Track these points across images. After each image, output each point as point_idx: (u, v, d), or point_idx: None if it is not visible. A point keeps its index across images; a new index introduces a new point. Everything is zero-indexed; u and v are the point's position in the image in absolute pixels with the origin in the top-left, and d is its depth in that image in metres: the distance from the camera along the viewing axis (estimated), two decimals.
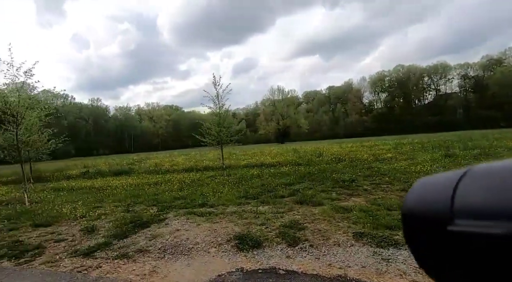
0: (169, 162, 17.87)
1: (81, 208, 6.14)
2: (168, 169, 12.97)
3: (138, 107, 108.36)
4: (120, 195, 7.76)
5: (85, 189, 9.49)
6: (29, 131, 7.47)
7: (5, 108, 7.16)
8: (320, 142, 41.53)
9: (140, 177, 11.39)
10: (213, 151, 28.49)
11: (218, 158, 18.14)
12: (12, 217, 5.86)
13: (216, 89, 9.52)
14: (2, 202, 8.01)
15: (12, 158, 7.48)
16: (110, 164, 19.09)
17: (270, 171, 9.60)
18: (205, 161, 14.87)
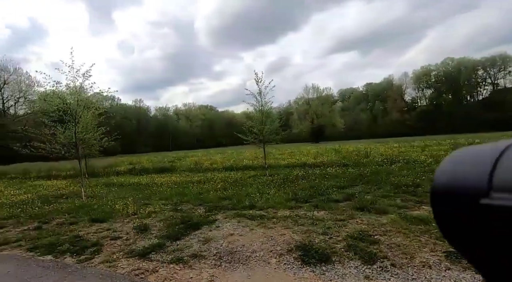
0: (208, 160, 18.14)
1: (132, 205, 6.24)
2: (208, 167, 13.06)
3: (176, 108, 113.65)
4: (166, 192, 7.84)
5: (133, 185, 9.87)
6: (85, 129, 7.90)
7: (66, 108, 7.67)
8: (357, 141, 39.28)
9: (182, 175, 11.59)
10: (249, 150, 28.55)
11: (255, 157, 17.96)
12: (72, 211, 6.16)
13: (258, 86, 9.24)
14: (63, 195, 8.62)
15: (71, 154, 7.98)
16: (152, 162, 20.00)
17: (315, 172, 9.03)
18: (244, 160, 14.72)
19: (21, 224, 5.41)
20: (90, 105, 7.82)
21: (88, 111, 7.95)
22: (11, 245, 4.23)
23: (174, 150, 71.67)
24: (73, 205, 6.87)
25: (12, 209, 6.62)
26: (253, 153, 21.87)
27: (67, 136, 7.54)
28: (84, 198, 7.74)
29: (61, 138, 7.76)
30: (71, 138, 7.61)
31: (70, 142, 7.65)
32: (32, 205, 7.03)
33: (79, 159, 8.03)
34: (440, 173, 0.37)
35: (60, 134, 7.56)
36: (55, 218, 5.68)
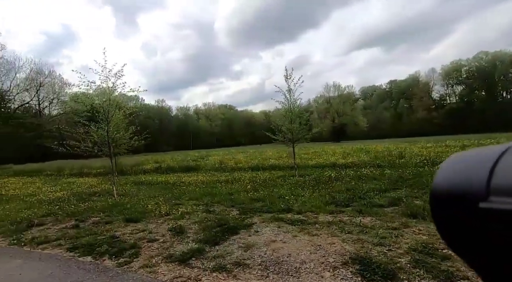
0: (231, 159, 18.05)
1: (164, 205, 6.16)
2: (233, 167, 12.91)
3: (196, 107, 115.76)
4: (195, 192, 7.73)
5: (161, 184, 9.91)
6: (117, 128, 8.00)
7: (98, 107, 7.80)
8: (381, 141, 37.64)
9: (208, 174, 11.52)
10: (271, 149, 28.22)
11: (279, 156, 17.60)
12: (106, 209, 6.19)
13: (287, 83, 8.88)
14: (95, 193, 8.80)
15: (103, 152, 8.12)
16: (176, 160, 20.26)
17: (348, 173, 8.52)
18: (270, 159, 14.40)
19: (60, 222, 5.49)
20: (121, 104, 7.89)
21: (119, 110, 8.04)
22: (51, 243, 4.24)
23: (195, 149, 73.00)
24: (106, 203, 6.94)
25: (50, 206, 6.79)
26: (275, 152, 21.52)
27: (100, 135, 7.67)
28: (116, 196, 7.82)
29: (95, 137, 7.91)
30: (103, 137, 7.72)
31: (103, 141, 7.77)
32: (68, 203, 7.19)
33: (110, 158, 8.15)
34: (439, 176, 0.37)
35: (94, 133, 7.70)
36: (90, 216, 5.71)
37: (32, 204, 7.28)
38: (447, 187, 0.35)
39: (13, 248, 4.16)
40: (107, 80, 7.77)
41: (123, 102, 8.16)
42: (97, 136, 7.70)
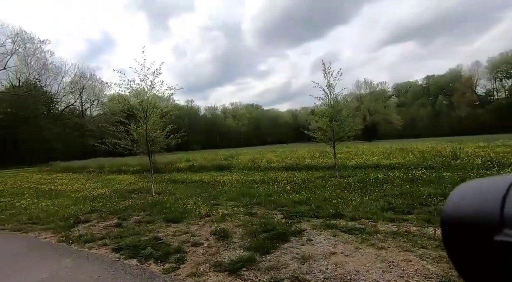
0: (261, 158, 17.73)
1: (203, 205, 5.96)
2: (266, 166, 12.54)
3: (224, 107, 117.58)
4: (232, 192, 7.47)
5: (196, 183, 9.86)
6: (155, 127, 8.03)
7: (138, 105, 7.89)
8: (417, 140, 34.81)
9: (241, 173, 11.28)
10: (301, 148, 27.45)
11: (312, 156, 16.91)
12: (146, 208, 6.14)
13: (326, 78, 8.28)
14: (134, 190, 8.96)
15: (142, 150, 8.23)
16: (207, 159, 20.42)
17: (398, 175, 7.69)
18: (305, 159, 13.79)
19: (103, 219, 5.51)
20: (159, 103, 7.90)
21: (157, 109, 8.06)
22: (97, 242, 4.18)
23: (223, 148, 74.10)
24: (145, 201, 6.94)
25: (94, 203, 6.95)
26: (306, 152, 20.80)
27: (139, 133, 7.74)
28: (154, 194, 7.85)
29: (134, 135, 8.02)
30: (142, 135, 7.79)
31: (142, 139, 7.84)
32: (110, 200, 7.33)
33: (149, 156, 8.21)
34: (449, 204, 0.37)
35: (133, 131, 7.80)
36: (132, 215, 5.68)
37: (78, 200, 7.54)
38: (459, 217, 0.34)
39: (62, 246, 4.16)
40: (146, 79, 7.82)
41: (160, 101, 8.15)
42: (136, 134, 7.79)
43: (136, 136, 7.87)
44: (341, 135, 8.49)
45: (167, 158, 20.14)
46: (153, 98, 7.86)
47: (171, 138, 8.38)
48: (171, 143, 8.36)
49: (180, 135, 8.48)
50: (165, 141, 8.64)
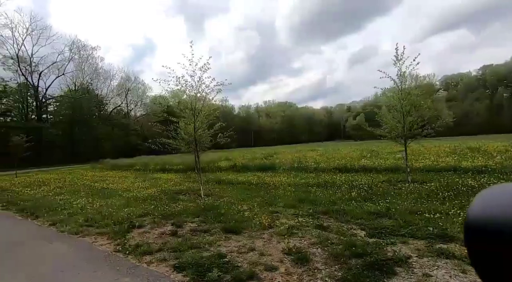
0: (303, 157, 16.72)
1: (260, 212, 5.29)
2: (315, 166, 11.54)
3: (257, 105, 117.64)
4: (287, 197, 6.70)
5: (243, 184, 9.29)
6: (203, 125, 7.61)
7: (187, 103, 7.53)
8: (474, 137, 30.46)
9: (289, 175, 10.46)
10: (344, 147, 25.72)
11: (361, 155, 15.44)
12: (199, 213, 5.65)
13: (397, 66, 7.05)
14: (181, 192, 8.68)
15: (190, 149, 7.90)
16: (246, 158, 19.97)
17: (492, 181, 6.22)
18: (362, 159, 12.48)
19: (157, 225, 5.13)
20: (206, 101, 7.45)
21: (205, 107, 7.63)
22: (155, 256, 3.71)
23: (256, 146, 73.92)
24: (196, 205, 6.50)
25: (145, 205, 6.71)
26: (351, 150, 19.24)
27: (188, 131, 7.37)
28: (203, 196, 7.43)
29: (182, 134, 7.69)
30: (191, 134, 7.41)
31: (190, 137, 7.47)
32: (160, 202, 7.06)
33: (197, 155, 7.83)
34: (474, 208, 0.36)
35: (182, 129, 7.46)
36: (186, 221, 5.21)
37: (129, 200, 7.41)
38: (484, 221, 0.34)
39: (119, 257, 3.77)
40: (194, 74, 7.39)
41: (208, 97, 7.68)
42: (184, 133, 7.43)
43: (184, 135, 7.53)
44: (414, 133, 7.17)
45: (208, 156, 20.12)
46: (201, 95, 7.42)
47: (219, 137, 7.88)
48: (221, 141, 7.87)
49: (229, 134, 7.95)
50: (214, 139, 8.18)
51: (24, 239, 4.88)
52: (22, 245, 4.47)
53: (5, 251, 4.29)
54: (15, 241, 4.79)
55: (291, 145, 64.73)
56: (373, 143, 43.28)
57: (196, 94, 7.38)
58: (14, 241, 4.80)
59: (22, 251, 4.22)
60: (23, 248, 4.37)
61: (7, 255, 4.13)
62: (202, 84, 7.45)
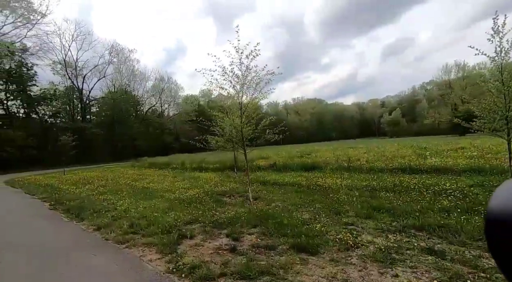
0: (345, 155, 15.26)
1: (331, 224, 4.28)
2: (370, 166, 10.14)
3: (285, 103, 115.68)
4: (354, 203, 5.59)
5: (292, 185, 8.33)
6: (251, 119, 6.81)
7: (232, 96, 6.77)
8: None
9: (340, 175, 9.25)
10: (387, 144, 23.47)
11: (418, 153, 13.58)
12: (255, 222, 4.80)
13: (496, 39, 5.51)
14: (225, 193, 7.97)
15: (229, 146, 7.21)
16: (282, 156, 18.95)
17: None
18: (432, 158, 10.77)
19: (209, 236, 4.37)
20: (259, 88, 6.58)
21: (253, 100, 6.78)
22: None
23: (285, 144, 72.41)
24: (245, 209, 5.69)
25: (191, 209, 6.05)
26: (398, 148, 17.27)
27: (234, 127, 6.59)
28: (251, 200, 6.60)
29: (226, 130, 6.94)
30: (238, 131, 6.62)
31: (238, 134, 6.69)
32: (206, 205, 6.37)
33: (245, 153, 7.03)
34: (494, 200, 0.37)
35: (228, 125, 6.70)
36: (243, 232, 4.38)
37: (172, 203, 6.84)
38: (505, 213, 0.34)
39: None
40: (241, 64, 6.56)
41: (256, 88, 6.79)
42: (230, 129, 6.66)
43: (229, 131, 6.78)
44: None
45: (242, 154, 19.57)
46: (249, 87, 6.58)
47: (268, 134, 6.99)
48: (271, 139, 6.98)
49: (280, 130, 7.03)
50: (252, 135, 7.32)
51: (68, 246, 4.42)
52: (66, 256, 3.97)
53: (48, 261, 3.80)
54: (59, 248, 4.34)
55: (322, 142, 62.26)
56: (413, 139, 39.67)
57: (243, 86, 6.55)
58: (58, 248, 4.35)
59: (65, 264, 3.69)
60: (67, 259, 3.85)
61: (49, 266, 3.62)
62: (250, 74, 6.60)
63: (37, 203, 8.55)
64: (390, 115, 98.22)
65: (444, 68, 70.87)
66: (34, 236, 5.06)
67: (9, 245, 4.64)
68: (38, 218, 6.60)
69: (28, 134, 31.17)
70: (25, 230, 5.54)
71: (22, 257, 4.01)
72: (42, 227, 5.74)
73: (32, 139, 31.12)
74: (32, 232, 5.35)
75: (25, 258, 3.99)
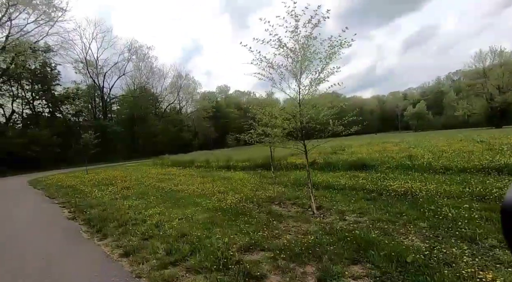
0: (385, 150, 13.37)
1: (477, 261, 2.67)
2: (446, 165, 8.25)
3: (303, 97, 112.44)
4: (473, 221, 3.91)
5: (355, 190, 6.70)
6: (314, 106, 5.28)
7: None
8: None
9: (410, 176, 7.48)
10: (425, 137, 21.11)
11: (486, 148, 11.45)
12: (353, 254, 3.27)
13: None
14: (273, 200, 6.50)
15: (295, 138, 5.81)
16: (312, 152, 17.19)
17: None
18: (507, 153, 8.80)
19: (289, 278, 2.90)
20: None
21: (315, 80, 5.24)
22: None
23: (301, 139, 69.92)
24: (315, 225, 4.19)
25: (241, 225, 4.62)
26: (450, 142, 15.05)
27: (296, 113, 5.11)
28: (315, 211, 5.08)
29: (278, 122, 5.48)
30: (297, 120, 5.13)
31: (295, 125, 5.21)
32: (257, 218, 4.93)
33: (305, 151, 5.53)
34: (511, 196, 0.37)
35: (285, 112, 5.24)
36: (342, 274, 2.86)
37: (213, 214, 5.46)
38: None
39: None
40: (297, 34, 5.02)
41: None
42: (289, 120, 5.18)
43: (280, 122, 5.33)
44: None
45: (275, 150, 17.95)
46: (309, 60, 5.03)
47: (334, 125, 5.44)
48: (338, 131, 5.43)
49: (361, 122, 5.49)
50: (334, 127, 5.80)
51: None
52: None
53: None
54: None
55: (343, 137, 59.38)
56: (447, 132, 36.39)
57: (304, 61, 5.01)
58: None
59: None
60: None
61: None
62: (310, 48, 5.04)
63: (55, 209, 7.52)
64: (414, 108, 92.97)
65: (477, 56, 65.27)
66: (39, 264, 3.83)
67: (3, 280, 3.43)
68: (52, 231, 5.45)
69: (52, 133, 31.44)
70: (32, 251, 4.35)
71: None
72: (54, 246, 4.54)
73: (56, 138, 31.36)
74: (39, 255, 4.14)
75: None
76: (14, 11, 25.40)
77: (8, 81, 32.26)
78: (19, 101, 35.13)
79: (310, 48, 4.95)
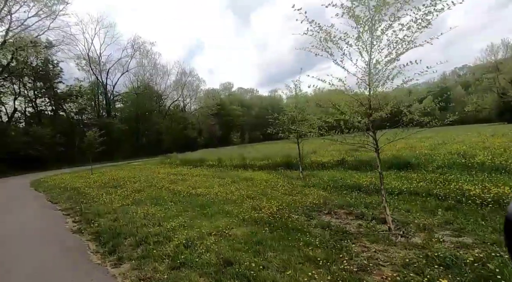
0: (416, 147, 12.17)
1: None
2: (505, 164, 7.05)
3: (306, 94, 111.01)
4: None
5: (413, 195, 5.52)
6: None
7: None
8: None
9: (475, 178, 6.28)
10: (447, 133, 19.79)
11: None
12: None
13: None
14: (317, 207, 5.34)
15: None
16: (328, 150, 16.03)
17: None
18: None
19: None
20: None
21: None
22: None
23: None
24: (412, 251, 3.03)
25: (300, 247, 3.47)
26: (484, 139, 13.80)
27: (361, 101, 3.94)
28: (392, 227, 3.91)
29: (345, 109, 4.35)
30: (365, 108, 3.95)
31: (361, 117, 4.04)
32: (316, 236, 3.78)
33: (377, 148, 4.38)
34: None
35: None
36: None
37: (253, 228, 4.32)
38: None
39: None
40: None
41: None
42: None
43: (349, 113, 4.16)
44: None
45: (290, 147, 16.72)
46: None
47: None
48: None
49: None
50: None
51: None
52: None
53: None
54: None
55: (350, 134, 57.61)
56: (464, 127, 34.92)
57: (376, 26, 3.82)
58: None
59: None
60: None
61: None
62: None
63: (57, 219, 6.42)
64: (421, 103, 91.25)
65: (489, 49, 63.19)
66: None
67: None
68: (51, 252, 4.33)
69: (56, 132, 30.50)
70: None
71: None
72: (50, 279, 3.43)
73: (59, 136, 30.42)
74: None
75: None
76: (14, 4, 24.31)
77: (9, 78, 31.29)
78: (21, 99, 34.20)
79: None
